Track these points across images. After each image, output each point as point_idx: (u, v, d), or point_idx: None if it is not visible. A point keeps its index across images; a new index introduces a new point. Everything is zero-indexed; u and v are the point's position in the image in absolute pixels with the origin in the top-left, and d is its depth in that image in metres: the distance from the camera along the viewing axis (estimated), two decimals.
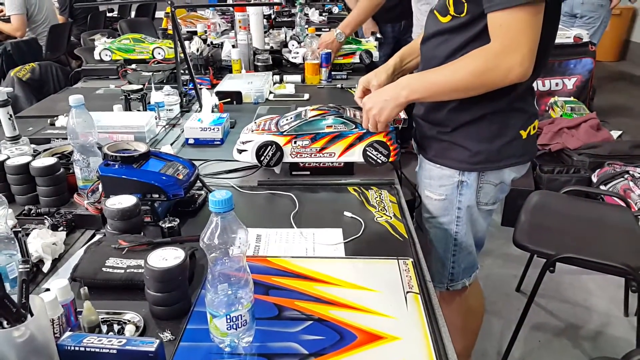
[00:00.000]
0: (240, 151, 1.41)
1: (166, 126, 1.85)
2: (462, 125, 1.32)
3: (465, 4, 1.20)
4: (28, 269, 0.74)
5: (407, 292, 0.94)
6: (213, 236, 0.73)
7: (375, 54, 2.60)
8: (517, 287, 2.46)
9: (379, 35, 2.97)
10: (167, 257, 0.87)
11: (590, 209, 2.13)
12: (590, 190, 2.73)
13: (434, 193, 1.42)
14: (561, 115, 3.63)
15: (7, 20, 4.35)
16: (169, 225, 1.08)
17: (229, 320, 0.76)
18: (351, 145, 1.37)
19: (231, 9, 4.22)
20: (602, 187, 2.79)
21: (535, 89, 4.44)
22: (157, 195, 1.15)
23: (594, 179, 2.92)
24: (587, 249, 1.77)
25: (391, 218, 1.21)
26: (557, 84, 3.98)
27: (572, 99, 3.86)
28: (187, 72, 2.10)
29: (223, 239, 0.73)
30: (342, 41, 2.49)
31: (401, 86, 1.28)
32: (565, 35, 4.00)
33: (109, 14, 6.52)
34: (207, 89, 2.25)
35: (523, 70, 1.13)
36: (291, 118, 1.42)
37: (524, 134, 1.33)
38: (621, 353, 2.08)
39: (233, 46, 2.64)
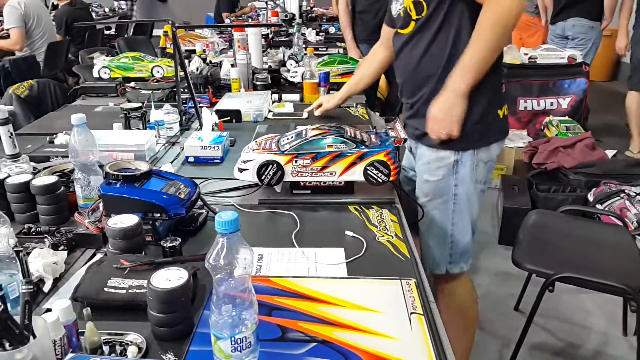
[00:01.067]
0: (241, 170, 1.41)
1: (166, 144, 1.85)
2: None
3: (423, 2, 1.44)
4: (31, 290, 0.74)
5: (411, 313, 0.93)
6: (219, 257, 0.72)
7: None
8: (515, 306, 2.45)
9: None
10: (171, 277, 0.86)
11: (587, 228, 2.14)
12: (588, 209, 2.75)
13: (432, 175, 1.57)
14: (556, 135, 3.66)
15: (5, 36, 4.37)
16: (171, 244, 1.07)
17: (233, 342, 0.75)
18: (352, 165, 1.38)
19: (229, 28, 4.26)
20: (599, 206, 2.81)
21: (530, 108, 4.46)
22: (159, 215, 1.15)
23: (590, 197, 2.94)
24: (586, 268, 1.78)
25: (393, 237, 1.21)
26: (552, 104, 4.02)
27: (567, 118, 3.90)
28: (186, 90, 2.11)
29: (229, 259, 0.73)
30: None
31: (453, 85, 1.43)
32: (559, 55, 4.06)
33: (106, 32, 6.58)
34: (207, 107, 2.26)
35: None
36: (292, 137, 1.42)
37: (500, 113, 1.56)
38: None
39: (232, 65, 2.66)
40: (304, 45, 3.49)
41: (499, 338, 2.28)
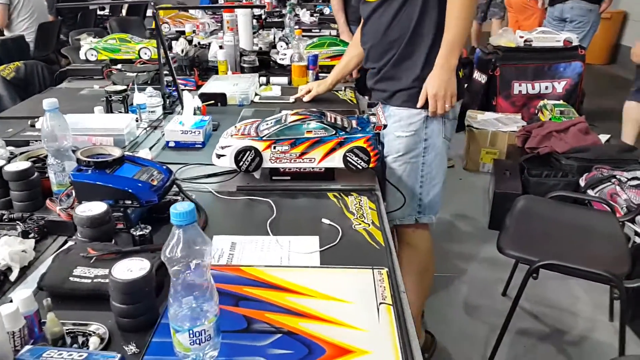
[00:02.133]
0: (219, 156, 1.39)
1: (147, 128, 1.83)
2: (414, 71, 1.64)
3: None
4: None
5: (380, 303, 0.92)
6: (175, 249, 0.71)
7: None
8: (503, 291, 2.45)
9: None
10: (132, 268, 0.85)
11: (575, 215, 2.12)
12: (576, 195, 2.73)
13: (404, 131, 1.69)
14: (550, 119, 3.63)
15: None
16: (140, 233, 1.05)
17: (191, 335, 0.74)
18: (331, 151, 1.36)
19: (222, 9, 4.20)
20: (590, 192, 2.79)
21: (525, 92, 4.44)
22: (130, 202, 1.13)
23: (582, 183, 2.92)
24: (571, 255, 1.77)
25: (369, 226, 1.20)
26: (546, 87, 3.99)
27: (561, 102, 3.87)
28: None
29: (185, 252, 0.71)
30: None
31: (443, 62, 1.58)
32: (555, 38, 4.01)
33: (99, 12, 6.47)
34: (192, 90, 2.23)
35: None
36: (271, 123, 1.40)
37: (460, 74, 1.65)
38: (606, 358, 2.09)
39: (220, 47, 2.62)
40: (295, 27, 3.43)
41: (487, 323, 2.28)
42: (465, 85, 4.90)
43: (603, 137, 3.49)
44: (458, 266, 2.70)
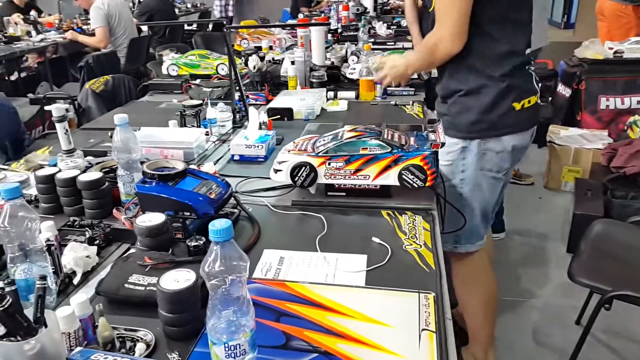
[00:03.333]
0: (276, 171, 1.42)
1: (216, 142, 1.90)
2: (460, 96, 1.65)
3: None
4: (44, 285, 0.78)
5: (423, 329, 0.90)
6: (213, 264, 0.73)
7: (433, 69, 2.54)
8: (576, 320, 2.30)
9: None
10: (179, 278, 0.89)
11: None
12: None
13: (442, 160, 1.67)
14: None
15: (92, 34, 4.67)
16: (195, 243, 1.09)
17: (227, 349, 0.76)
18: (387, 168, 1.34)
19: None
20: None
21: (613, 106, 4.15)
22: (189, 214, 1.18)
23: None
24: None
25: (421, 247, 1.17)
26: (638, 102, 3.71)
27: None
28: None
29: (223, 267, 0.73)
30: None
31: (408, 61, 1.88)
32: None
33: (187, 27, 6.84)
34: (263, 105, 2.30)
35: (448, 44, 1.56)
36: (328, 139, 1.41)
37: (517, 106, 1.61)
38: None
39: (292, 62, 2.68)
40: (370, 41, 3.44)
41: (557, 352, 2.16)
42: (550, 98, 4.66)
43: None
44: (530, 290, 2.57)
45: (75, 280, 1.06)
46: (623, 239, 1.92)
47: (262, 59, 2.71)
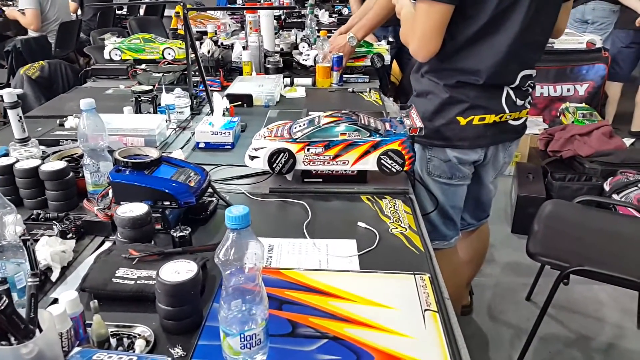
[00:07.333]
0: (252, 157, 1.38)
1: (176, 129, 1.83)
2: (415, 96, 1.66)
3: None
4: (37, 283, 0.72)
5: (425, 310, 0.91)
6: (229, 252, 0.70)
7: (387, 57, 2.58)
8: (527, 296, 2.42)
9: (390, 39, 2.94)
10: (180, 270, 0.84)
11: (604, 220, 2.09)
12: (605, 200, 2.69)
13: None
14: (572, 122, 3.59)
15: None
16: (181, 234, 1.05)
17: (242, 339, 0.73)
18: (365, 154, 1.34)
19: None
20: (615, 196, 2.75)
21: (547, 94, 4.36)
22: (169, 203, 1.13)
23: (606, 187, 2.88)
24: (602, 261, 1.74)
25: (406, 230, 1.19)
26: (568, 90, 3.94)
27: (584, 105, 3.82)
28: (197, 73, 2.07)
29: (239, 255, 0.70)
30: (355, 45, 2.45)
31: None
32: (577, 40, 3.96)
33: (118, 12, 6.50)
34: (218, 91, 2.23)
35: (415, 52, 1.50)
36: (304, 124, 1.39)
37: (462, 120, 1.56)
38: None
39: (244, 48, 2.62)
40: (316, 28, 3.43)
41: (511, 327, 2.26)
42: None
43: (627, 141, 3.44)
44: (481, 270, 2.66)
45: (53, 277, 0.98)
46: (573, 218, 2.04)
47: (215, 43, 2.63)
